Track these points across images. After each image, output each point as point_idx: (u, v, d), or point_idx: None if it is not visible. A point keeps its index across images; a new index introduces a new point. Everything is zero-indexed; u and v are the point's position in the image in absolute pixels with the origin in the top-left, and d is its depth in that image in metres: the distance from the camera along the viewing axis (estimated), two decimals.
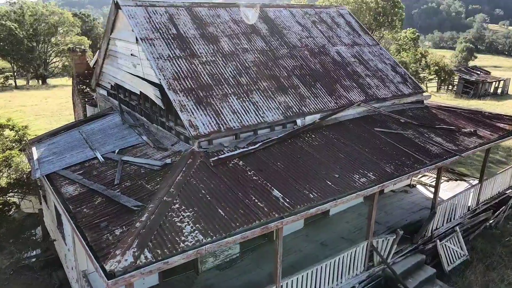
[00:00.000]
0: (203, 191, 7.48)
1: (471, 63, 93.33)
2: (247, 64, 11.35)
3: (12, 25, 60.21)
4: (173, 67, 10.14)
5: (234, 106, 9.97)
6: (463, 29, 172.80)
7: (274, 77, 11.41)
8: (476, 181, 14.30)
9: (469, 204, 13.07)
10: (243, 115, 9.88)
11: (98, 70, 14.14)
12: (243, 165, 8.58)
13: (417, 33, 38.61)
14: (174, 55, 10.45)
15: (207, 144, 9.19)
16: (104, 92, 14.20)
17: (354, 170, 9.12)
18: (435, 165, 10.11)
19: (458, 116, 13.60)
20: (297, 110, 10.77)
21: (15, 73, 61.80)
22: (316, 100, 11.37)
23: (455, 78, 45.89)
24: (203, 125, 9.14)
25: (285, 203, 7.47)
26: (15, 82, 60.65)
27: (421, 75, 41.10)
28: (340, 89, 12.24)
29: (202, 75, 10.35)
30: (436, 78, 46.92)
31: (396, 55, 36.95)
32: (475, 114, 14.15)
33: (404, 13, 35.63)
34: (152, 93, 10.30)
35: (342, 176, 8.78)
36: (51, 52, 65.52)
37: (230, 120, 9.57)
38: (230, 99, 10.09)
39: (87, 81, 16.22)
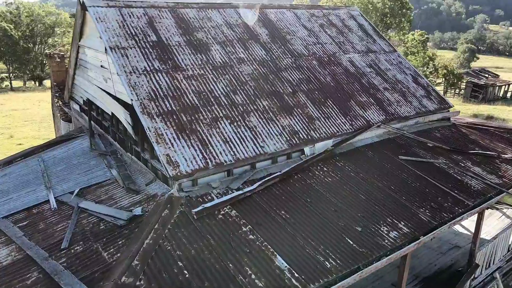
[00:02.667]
0: (180, 263, 5.41)
1: (473, 64, 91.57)
2: (243, 78, 9.28)
3: (8, 26, 58.70)
4: (149, 83, 8.07)
5: (226, 133, 7.90)
6: (464, 30, 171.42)
7: (276, 93, 9.34)
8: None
9: (509, 243, 11.01)
10: (238, 145, 7.81)
11: (69, 82, 12.09)
12: (236, 216, 6.51)
13: (426, 35, 36.66)
14: (152, 68, 8.38)
15: (190, 185, 7.13)
16: (77, 107, 12.14)
17: (380, 219, 7.05)
18: (480, 208, 8.04)
19: (493, 137, 11.54)
20: (304, 135, 8.70)
21: (11, 75, 60.36)
22: (327, 122, 9.30)
23: (464, 81, 43.84)
24: (186, 160, 7.07)
25: (293, 280, 5.40)
26: (10, 84, 59.13)
27: (429, 78, 39.02)
28: (355, 106, 10.16)
29: (187, 93, 8.28)
30: (444, 82, 44.87)
31: None
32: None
33: (412, 14, 33.62)
34: (122, 117, 8.25)
35: (366, 229, 6.72)
36: (47, 53, 63.96)
37: (220, 153, 7.50)
38: (221, 124, 8.03)
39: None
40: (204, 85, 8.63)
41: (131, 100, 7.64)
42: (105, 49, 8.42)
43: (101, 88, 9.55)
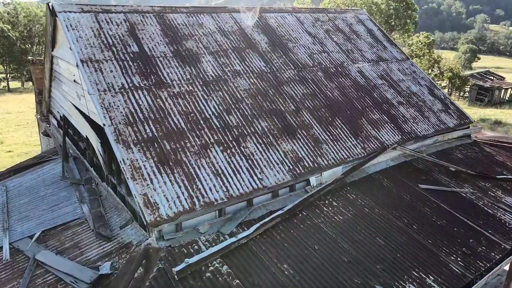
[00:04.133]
0: None
1: (474, 65, 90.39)
2: (238, 95, 8.02)
3: (5, 26, 57.69)
4: (127, 104, 6.81)
5: (217, 163, 6.64)
6: (464, 30, 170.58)
7: (277, 112, 8.08)
8: None
9: None
10: (231, 178, 6.55)
11: (46, 94, 10.83)
12: (228, 274, 5.25)
13: (431, 38, 35.38)
14: (131, 85, 7.12)
15: (173, 230, 5.87)
16: (55, 122, 10.88)
17: (404, 273, 5.79)
18: None
19: None
20: (310, 163, 7.44)
21: (8, 76, 59.38)
22: (336, 146, 8.04)
23: (469, 84, 42.60)
24: (168, 201, 5.81)
25: None
26: (8, 85, 58.11)
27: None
28: (367, 125, 8.90)
29: (172, 115, 7.01)
30: (449, 85, 43.63)
31: None
32: None
33: (417, 15, 32.35)
34: (94, 143, 7.00)
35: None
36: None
37: (210, 189, 6.24)
38: (212, 152, 6.76)
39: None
40: (193, 104, 7.36)
41: (104, 124, 6.38)
42: (76, 63, 7.15)
43: (74, 106, 8.29)
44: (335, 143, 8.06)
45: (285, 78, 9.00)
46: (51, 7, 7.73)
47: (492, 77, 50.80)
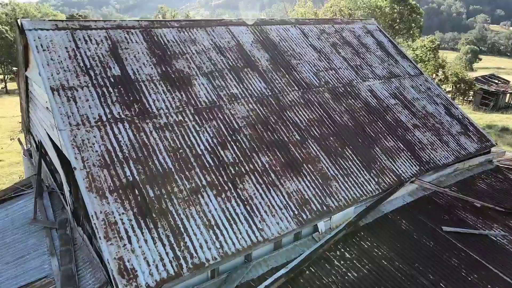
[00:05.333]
0: None
1: (475, 66, 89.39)
2: (235, 124, 7.00)
3: (3, 28, 56.86)
4: (104, 141, 5.79)
5: (210, 212, 5.62)
6: (465, 30, 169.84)
7: (280, 144, 7.06)
8: None
9: None
10: (226, 229, 5.53)
11: (24, 115, 9.81)
12: None
13: (437, 42, 34.33)
14: (110, 116, 6.11)
15: None
16: (35, 146, 9.87)
17: None
18: None
19: None
20: (318, 205, 6.42)
21: (6, 77, 58.49)
22: (347, 182, 7.01)
23: (475, 88, 41.57)
24: (149, 265, 4.80)
25: None
26: (5, 86, 57.19)
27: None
28: (381, 155, 7.88)
29: (157, 152, 5.99)
30: (453, 89, 42.61)
31: None
32: None
33: (422, 19, 31.34)
34: (65, 187, 5.98)
35: None
36: None
37: (201, 245, 5.23)
38: (203, 197, 5.74)
39: None
40: (182, 138, 6.34)
41: (74, 168, 5.36)
42: (46, 90, 6.13)
43: (49, 136, 7.28)
44: (346, 179, 7.04)
45: (289, 102, 7.98)
46: (19, 24, 6.71)
47: (497, 81, 49.76)
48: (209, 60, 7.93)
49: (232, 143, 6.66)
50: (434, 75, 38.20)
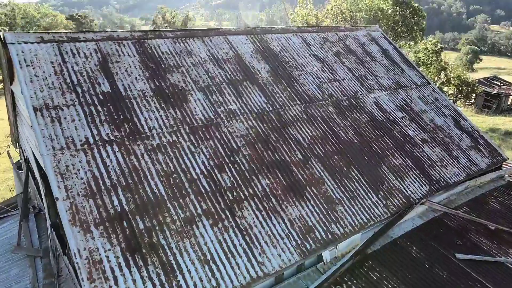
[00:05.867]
0: None
1: (476, 66, 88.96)
2: (234, 143, 6.53)
3: (2, 28, 56.41)
4: (91, 166, 5.33)
5: (206, 244, 5.15)
6: (465, 30, 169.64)
7: (281, 164, 6.59)
8: None
9: None
10: (224, 263, 5.06)
11: (13, 128, 9.35)
12: None
13: (439, 45, 33.85)
14: (97, 138, 5.64)
15: None
16: (24, 160, 9.40)
17: None
18: None
19: None
20: (322, 232, 5.95)
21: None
22: (353, 206, 6.55)
23: (478, 91, 41.06)
24: None
25: None
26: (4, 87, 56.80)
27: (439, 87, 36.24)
28: (388, 174, 7.41)
29: (149, 178, 5.53)
30: (455, 92, 42.10)
31: None
32: None
33: (425, 22, 30.82)
34: (49, 213, 5.52)
35: None
36: None
37: (195, 284, 4.76)
38: (199, 228, 5.28)
39: None
40: (176, 161, 5.88)
41: (56, 198, 4.89)
42: (28, 110, 5.67)
43: (34, 157, 6.82)
44: (352, 203, 6.57)
45: (290, 117, 7.51)
46: (2, 37, 6.25)
47: (499, 83, 49.29)
48: (206, 73, 7.47)
49: (230, 165, 6.20)
50: (436, 77, 37.69)
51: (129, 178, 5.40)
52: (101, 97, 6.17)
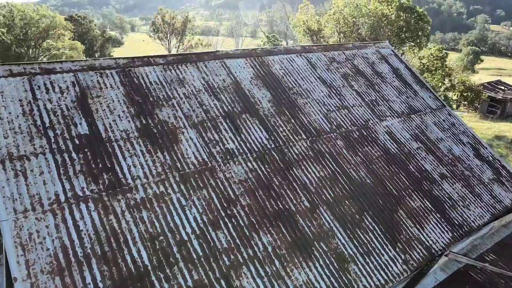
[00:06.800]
0: None
1: (476, 67, 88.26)
2: (231, 192, 5.68)
3: (0, 30, 55.68)
4: (60, 231, 4.48)
5: None
6: (465, 30, 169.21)
7: (286, 215, 5.74)
8: None
9: None
10: None
11: None
12: None
13: (444, 51, 33.01)
14: (70, 194, 4.79)
15: None
16: None
17: None
18: None
19: None
20: None
21: None
22: (368, 263, 5.70)
23: (483, 97, 40.21)
24: None
25: None
26: None
27: (444, 93, 35.35)
28: (406, 221, 6.56)
29: (131, 243, 4.68)
30: (457, 97, 41.26)
31: None
32: None
33: (429, 27, 29.96)
34: None
35: None
36: (42, 57, 62.64)
37: None
38: None
39: None
40: (164, 220, 5.03)
41: (15, 279, 4.04)
42: None
43: None
44: (367, 259, 5.72)
45: (295, 155, 6.66)
46: None
47: (503, 87, 48.45)
48: (200, 106, 6.61)
49: (226, 219, 5.35)
50: (440, 83, 36.83)
51: (106, 245, 4.55)
52: (77, 142, 5.32)
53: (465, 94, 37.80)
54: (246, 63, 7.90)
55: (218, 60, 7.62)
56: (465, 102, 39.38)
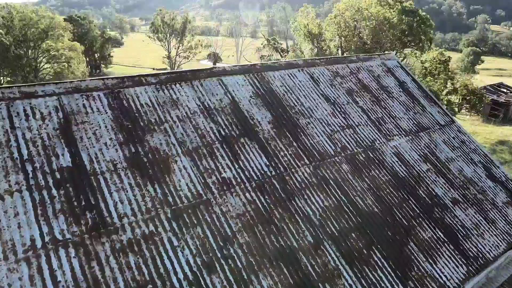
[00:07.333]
0: None
1: (477, 68, 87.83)
2: (227, 228, 5.20)
3: None
4: (33, 285, 3.99)
5: None
6: (465, 30, 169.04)
7: (287, 254, 5.26)
8: None
9: None
10: None
11: None
12: None
13: (447, 55, 32.49)
14: (48, 238, 4.31)
15: None
16: None
17: None
18: None
19: None
20: None
21: (2, 81, 56.86)
22: None
23: (487, 100, 39.70)
24: None
25: None
26: None
27: (446, 98, 34.81)
28: (417, 255, 6.07)
29: None
30: (459, 101, 40.73)
31: (421, 81, 30.70)
32: None
33: (432, 31, 29.48)
34: None
35: None
36: (41, 58, 62.37)
37: None
38: None
39: None
40: (153, 264, 4.54)
41: None
42: None
43: None
44: None
45: (298, 183, 6.18)
46: None
47: (505, 90, 48.01)
48: (195, 130, 6.13)
49: (222, 261, 4.87)
50: (443, 87, 36.31)
51: None
52: (58, 176, 4.84)
53: (467, 98, 37.32)
54: (244, 80, 7.41)
55: (214, 78, 7.13)
56: (467, 105, 38.88)
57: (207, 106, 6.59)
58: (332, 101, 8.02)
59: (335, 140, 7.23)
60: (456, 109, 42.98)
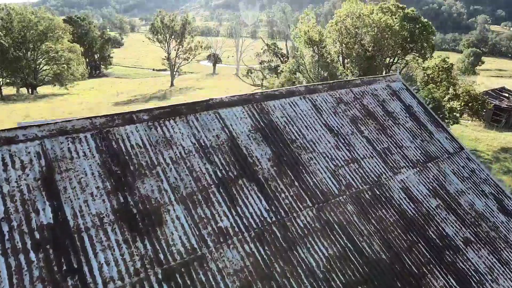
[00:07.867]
0: None
1: (478, 69, 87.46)
2: (223, 287, 4.77)
3: None
4: None
5: None
6: (465, 31, 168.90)
7: None
8: None
9: None
10: None
11: None
12: None
13: (449, 62, 32.01)
14: None
15: None
16: None
17: None
18: None
19: None
20: None
21: (1, 82, 56.58)
22: None
23: (489, 106, 39.24)
24: None
25: None
26: (0, 92, 55.33)
27: (449, 105, 34.39)
28: None
29: None
30: (461, 106, 40.27)
31: (423, 88, 30.28)
32: None
33: (434, 38, 29.05)
34: None
35: None
36: (41, 60, 61.94)
37: None
38: None
39: None
40: None
41: None
42: None
43: None
44: None
45: (299, 229, 5.75)
46: None
47: (507, 94, 47.58)
48: (190, 173, 5.69)
49: None
50: (445, 94, 35.86)
51: None
52: (38, 236, 4.41)
53: (470, 104, 36.87)
54: (243, 112, 6.98)
55: (211, 111, 6.69)
56: (470, 111, 38.45)
57: (202, 144, 6.16)
58: (336, 131, 7.59)
59: (339, 176, 6.80)
60: (458, 115, 42.51)
